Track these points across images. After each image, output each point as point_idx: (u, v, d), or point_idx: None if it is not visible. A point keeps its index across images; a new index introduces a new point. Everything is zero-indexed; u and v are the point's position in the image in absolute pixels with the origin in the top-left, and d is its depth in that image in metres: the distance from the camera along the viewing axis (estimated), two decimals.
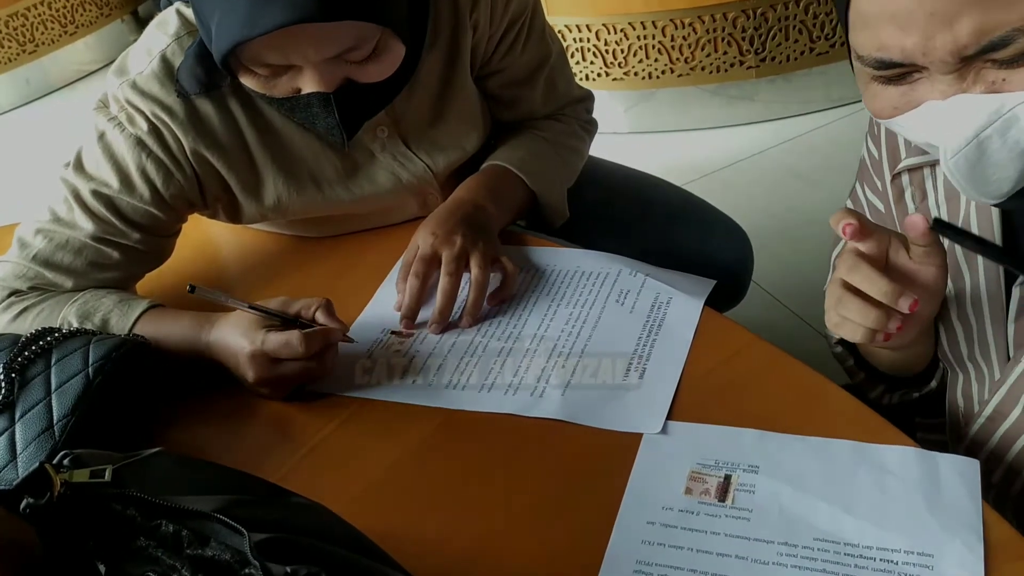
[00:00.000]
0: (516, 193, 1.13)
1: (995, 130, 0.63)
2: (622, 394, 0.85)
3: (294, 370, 0.90)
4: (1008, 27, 0.60)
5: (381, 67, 0.93)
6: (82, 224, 1.00)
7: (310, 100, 0.91)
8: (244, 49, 0.87)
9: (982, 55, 0.62)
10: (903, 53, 0.63)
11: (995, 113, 0.63)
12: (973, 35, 0.60)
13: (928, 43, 0.61)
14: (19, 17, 3.76)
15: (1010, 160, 0.64)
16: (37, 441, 0.78)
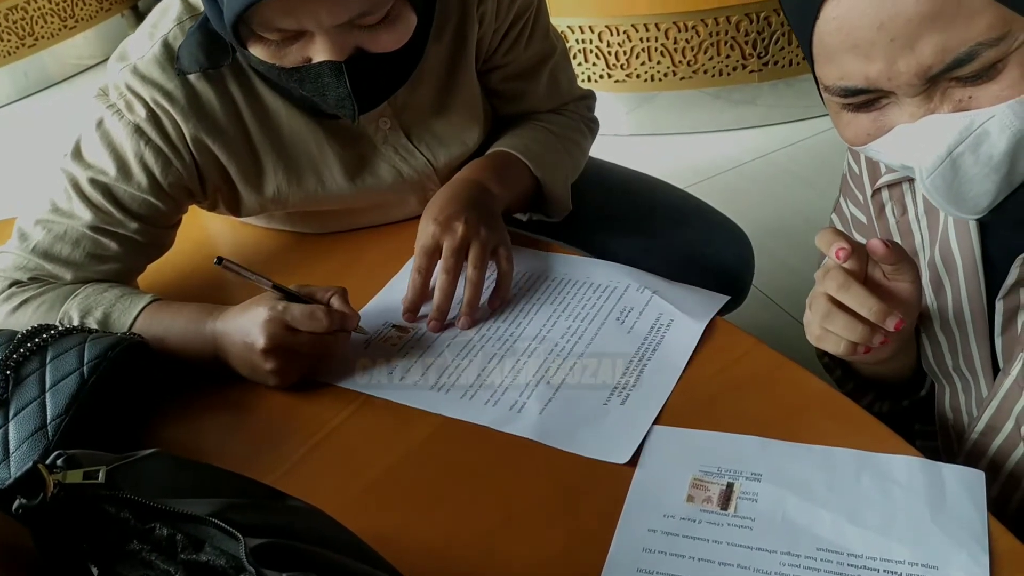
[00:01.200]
0: (520, 177, 1.12)
1: (967, 147, 0.64)
2: (599, 419, 0.84)
3: (307, 342, 0.89)
4: (972, 42, 0.61)
5: (393, 35, 0.91)
6: (80, 214, 0.99)
7: (321, 70, 0.89)
8: (256, 13, 0.85)
9: (947, 73, 0.62)
10: (868, 80, 0.64)
11: (966, 130, 0.64)
12: (936, 55, 0.61)
13: (892, 68, 0.62)
14: (19, 11, 3.75)
15: (985, 175, 0.65)
16: (30, 440, 0.77)
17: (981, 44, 0.60)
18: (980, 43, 0.60)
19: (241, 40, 0.89)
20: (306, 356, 0.91)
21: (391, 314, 1.01)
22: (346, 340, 0.94)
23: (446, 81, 1.09)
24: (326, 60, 0.88)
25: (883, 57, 0.62)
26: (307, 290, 0.92)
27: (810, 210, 2.13)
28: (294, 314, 0.88)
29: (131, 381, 0.88)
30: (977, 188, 0.66)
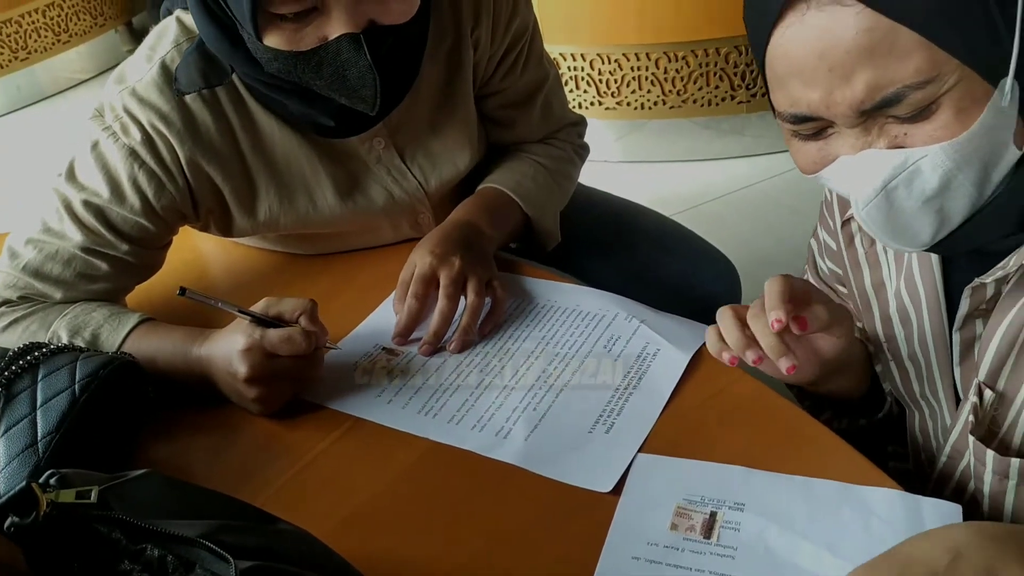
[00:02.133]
0: (511, 215, 1.14)
1: (900, 182, 0.67)
2: (584, 447, 0.84)
3: (288, 366, 0.90)
4: (899, 84, 0.64)
5: (404, 4, 0.92)
6: (71, 235, 0.99)
7: (339, 46, 0.89)
8: None
9: (880, 110, 0.66)
10: (810, 107, 0.67)
11: (900, 166, 0.67)
12: (868, 91, 0.64)
13: (830, 97, 0.66)
14: (12, 24, 3.76)
15: (918, 209, 0.68)
16: (20, 457, 0.77)
17: (908, 87, 0.64)
18: (907, 85, 0.64)
19: (258, 30, 0.89)
20: (288, 380, 0.91)
21: (381, 337, 1.02)
22: (323, 358, 0.95)
23: (441, 103, 1.11)
24: (344, 34, 0.88)
25: (822, 86, 0.65)
26: (275, 310, 0.91)
27: (796, 239, 2.15)
28: (272, 340, 0.88)
29: (122, 400, 0.88)
30: (913, 222, 0.70)
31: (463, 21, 1.07)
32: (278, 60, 0.91)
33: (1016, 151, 0.68)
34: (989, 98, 0.65)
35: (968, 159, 0.66)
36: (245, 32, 0.91)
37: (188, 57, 0.99)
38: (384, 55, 0.92)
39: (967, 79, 0.64)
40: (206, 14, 0.93)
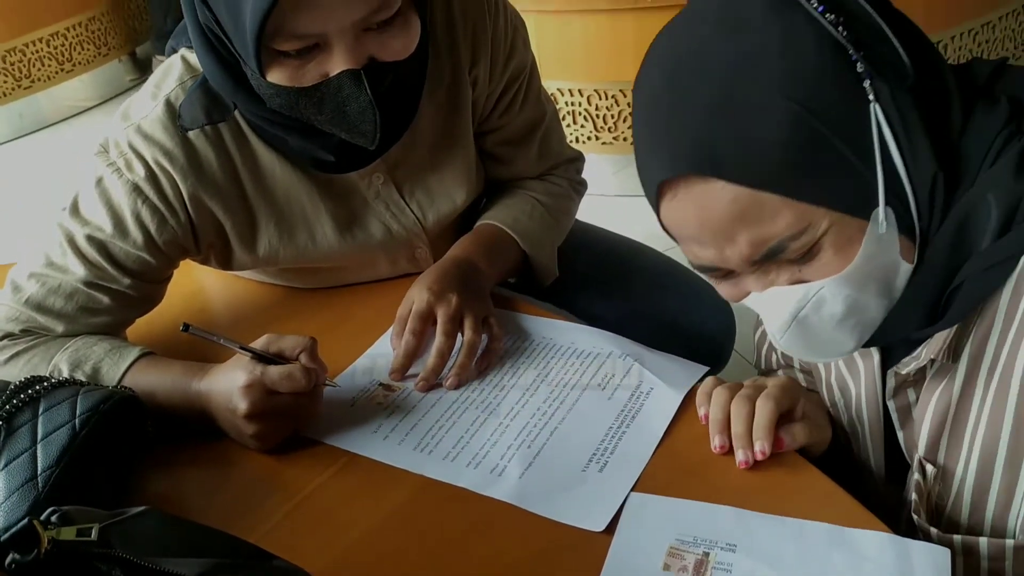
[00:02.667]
0: (509, 253, 1.16)
1: (809, 310, 0.73)
2: (578, 486, 0.85)
3: (288, 403, 0.90)
4: (777, 238, 0.69)
5: (402, 40, 0.93)
6: (74, 269, 1.01)
7: (341, 82, 0.91)
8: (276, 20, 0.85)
9: (768, 260, 0.71)
10: (709, 261, 0.74)
11: (803, 299, 0.73)
12: (752, 247, 0.71)
13: (722, 255, 0.72)
14: (16, 53, 3.79)
15: (833, 329, 0.74)
16: (20, 491, 0.78)
17: (785, 239, 0.69)
18: (784, 238, 0.69)
19: (261, 67, 0.90)
20: (287, 417, 0.92)
21: (378, 372, 1.03)
22: (322, 395, 0.96)
23: (439, 140, 1.13)
24: (345, 70, 0.90)
25: (712, 246, 0.72)
26: (276, 347, 0.92)
27: None
28: (272, 377, 0.89)
29: (122, 435, 0.89)
30: (833, 338, 0.75)
31: (462, 60, 1.09)
32: (280, 96, 0.93)
33: (908, 264, 0.72)
34: (865, 230, 0.69)
35: (863, 282, 0.71)
36: (248, 68, 0.92)
37: (192, 94, 1.01)
38: (384, 91, 0.94)
39: (839, 221, 0.69)
40: (209, 51, 0.95)
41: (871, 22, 0.69)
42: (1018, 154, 0.69)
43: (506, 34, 1.12)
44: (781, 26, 0.68)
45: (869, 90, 0.68)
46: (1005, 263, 0.68)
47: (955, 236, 0.70)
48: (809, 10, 0.68)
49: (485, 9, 1.09)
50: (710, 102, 0.68)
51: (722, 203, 0.69)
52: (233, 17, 0.87)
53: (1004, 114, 0.71)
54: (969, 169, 0.71)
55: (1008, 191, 0.68)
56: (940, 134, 0.71)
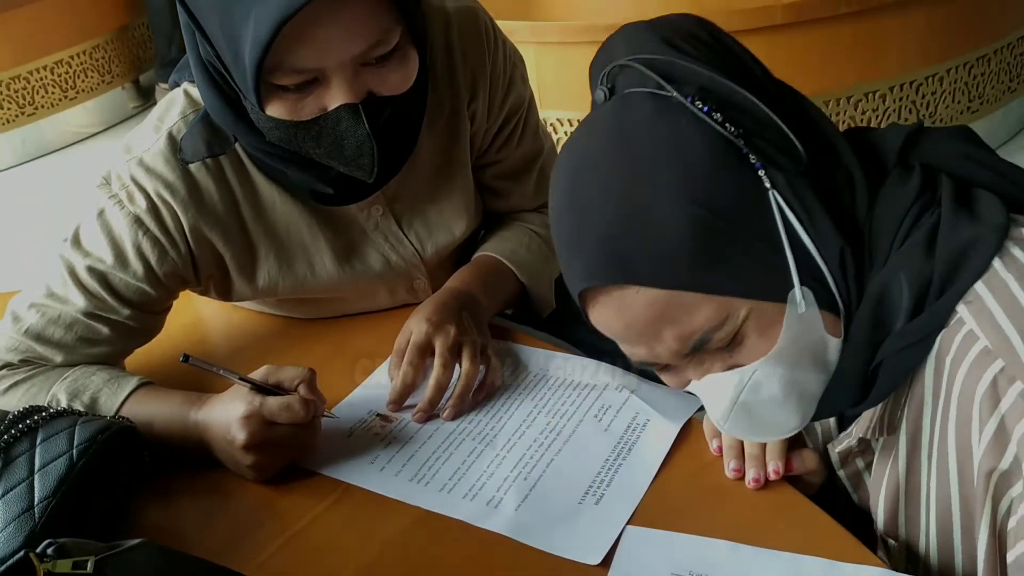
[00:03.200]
0: (507, 284, 1.16)
1: (748, 394, 0.74)
2: (574, 519, 0.85)
3: (286, 434, 0.91)
4: (700, 331, 0.71)
5: (400, 74, 0.94)
6: (74, 300, 1.01)
7: (339, 116, 0.91)
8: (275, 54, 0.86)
9: (697, 351, 0.73)
10: (644, 358, 0.76)
11: (739, 385, 0.74)
12: (678, 341, 0.72)
13: (653, 352, 0.74)
14: (20, 80, 3.82)
15: (775, 408, 0.75)
16: (17, 522, 0.78)
17: (708, 331, 0.71)
18: (707, 330, 0.71)
19: (260, 100, 0.91)
20: (285, 448, 0.92)
21: (376, 403, 1.03)
22: (320, 426, 0.96)
23: (437, 173, 1.13)
24: (343, 104, 0.91)
25: (643, 344, 0.74)
26: (275, 378, 0.93)
27: None
28: (271, 408, 0.90)
29: (119, 465, 0.89)
30: (776, 418, 0.76)
31: (460, 95, 1.10)
32: (279, 129, 0.94)
33: (836, 339, 0.73)
34: (784, 312, 0.71)
35: (794, 360, 0.72)
36: (248, 102, 0.93)
37: (193, 128, 1.02)
38: (382, 125, 0.95)
39: (757, 307, 0.70)
40: (210, 85, 0.96)
41: (757, 112, 0.71)
42: (928, 231, 0.70)
43: (504, 70, 1.13)
44: (668, 129, 0.70)
45: (765, 179, 0.70)
46: (921, 342, 0.69)
47: (873, 315, 0.71)
48: (694, 111, 0.70)
49: (484, 45, 1.10)
50: (612, 213, 0.70)
51: (641, 307, 0.70)
52: (233, 51, 0.88)
53: (916, 186, 0.72)
54: (880, 244, 0.72)
55: (918, 270, 0.69)
56: (843, 211, 0.72)
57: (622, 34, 0.79)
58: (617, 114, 0.73)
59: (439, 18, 1.08)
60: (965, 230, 0.68)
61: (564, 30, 2.56)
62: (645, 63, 0.72)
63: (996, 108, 2.87)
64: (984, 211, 0.70)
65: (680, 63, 0.72)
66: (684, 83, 0.71)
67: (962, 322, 0.67)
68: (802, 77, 2.53)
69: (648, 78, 0.72)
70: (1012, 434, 0.63)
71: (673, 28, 0.77)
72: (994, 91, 2.83)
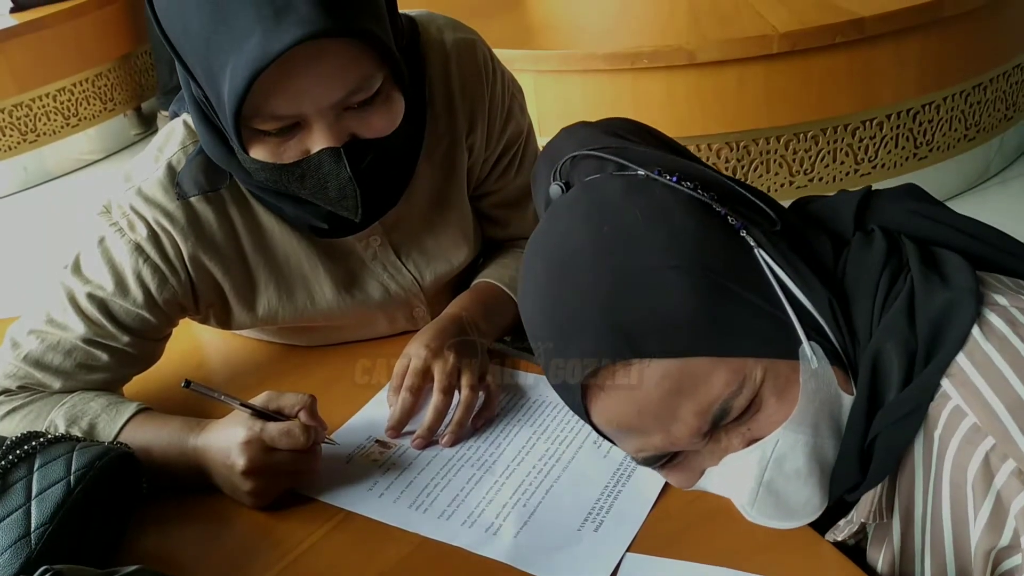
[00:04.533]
0: (506, 310, 1.16)
1: (772, 472, 0.70)
2: (573, 545, 0.85)
3: (286, 460, 0.91)
4: (720, 400, 0.68)
5: (384, 118, 0.94)
6: (74, 326, 1.01)
7: (321, 159, 0.91)
8: (254, 102, 0.86)
9: (718, 425, 0.69)
10: (657, 448, 0.72)
11: (763, 459, 0.70)
12: (698, 416, 0.69)
13: (670, 437, 0.70)
14: (23, 108, 3.84)
15: (801, 485, 0.71)
16: (13, 548, 0.77)
17: (728, 399, 0.68)
18: (726, 398, 0.68)
19: (243, 144, 0.92)
20: (285, 474, 0.92)
21: (374, 429, 1.03)
22: (320, 452, 0.96)
23: (436, 202, 1.14)
24: (324, 148, 0.91)
25: (658, 430, 0.70)
26: (275, 404, 0.93)
27: None
28: (271, 434, 0.90)
29: (116, 491, 0.89)
30: (803, 496, 0.72)
31: (459, 127, 1.11)
32: (265, 171, 0.94)
33: (849, 396, 0.71)
34: (798, 369, 0.69)
35: (816, 423, 0.70)
36: (233, 144, 0.94)
37: (191, 162, 1.02)
38: (366, 167, 0.94)
39: (771, 366, 0.68)
40: (204, 122, 0.96)
41: (721, 183, 0.72)
42: (907, 297, 0.69)
43: (503, 101, 1.14)
44: (645, 200, 0.70)
45: (748, 238, 0.71)
46: (911, 415, 0.68)
47: (869, 387, 0.70)
48: (665, 183, 0.71)
49: (482, 77, 1.11)
50: (609, 288, 0.68)
51: (653, 383, 0.67)
52: (215, 96, 0.89)
53: (882, 249, 0.72)
54: (861, 306, 0.71)
55: (904, 340, 0.68)
56: (821, 266, 0.73)
57: (564, 134, 0.80)
58: (586, 197, 0.72)
59: (438, 50, 1.09)
60: (938, 297, 0.68)
61: (563, 59, 2.58)
62: (597, 153, 0.73)
63: (993, 136, 2.89)
64: (953, 274, 0.70)
65: (634, 149, 0.73)
66: (642, 165, 0.72)
67: (947, 396, 0.66)
68: (799, 105, 2.57)
69: (607, 162, 0.72)
70: (1009, 510, 0.63)
71: (615, 124, 0.78)
72: (991, 119, 2.85)
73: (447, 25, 1.11)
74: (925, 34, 2.56)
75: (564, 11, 2.97)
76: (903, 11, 2.47)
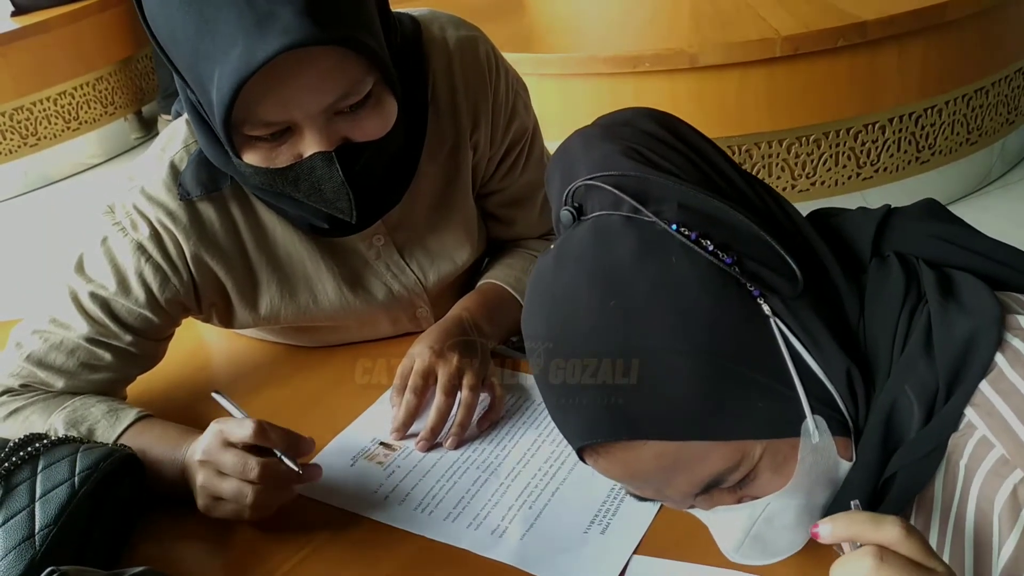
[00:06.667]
0: (510, 311, 1.16)
1: (761, 526, 0.71)
2: (579, 548, 0.84)
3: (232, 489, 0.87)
4: (715, 474, 0.67)
5: (376, 121, 0.93)
6: (77, 326, 1.01)
7: (313, 163, 0.91)
8: (244, 108, 0.86)
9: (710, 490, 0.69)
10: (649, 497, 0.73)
11: (751, 518, 0.71)
12: (689, 486, 0.69)
13: (662, 494, 0.71)
14: (24, 111, 3.85)
15: (788, 532, 0.72)
16: (17, 550, 0.77)
17: (722, 473, 0.67)
18: (721, 472, 0.67)
19: (236, 149, 0.91)
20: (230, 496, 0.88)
21: (378, 431, 1.03)
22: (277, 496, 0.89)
23: (440, 201, 1.14)
24: (316, 152, 0.90)
25: (651, 489, 0.71)
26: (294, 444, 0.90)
27: None
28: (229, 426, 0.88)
29: (122, 493, 0.89)
30: (787, 543, 0.72)
31: (463, 125, 1.11)
32: (259, 175, 0.94)
33: (847, 462, 0.70)
34: (798, 446, 0.68)
35: (809, 489, 0.69)
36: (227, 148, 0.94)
37: (193, 161, 1.02)
38: (359, 169, 0.94)
39: (771, 444, 0.67)
40: (200, 125, 0.96)
41: (744, 228, 0.67)
42: (924, 332, 0.67)
43: (507, 99, 1.14)
44: (657, 269, 0.65)
45: (765, 306, 0.67)
46: (932, 454, 0.66)
47: (883, 433, 0.68)
48: (682, 240, 0.65)
49: (486, 75, 1.11)
50: (609, 367, 0.65)
51: (648, 459, 0.66)
52: (206, 103, 0.89)
53: (901, 284, 0.69)
54: (880, 354, 0.69)
55: (923, 381, 0.66)
56: (840, 323, 0.69)
57: (579, 145, 0.74)
58: (596, 249, 0.67)
59: (441, 48, 1.09)
60: (959, 326, 0.65)
61: (564, 62, 2.58)
62: (613, 182, 0.68)
63: (995, 140, 2.89)
64: (972, 301, 0.67)
65: (653, 179, 0.67)
66: (661, 201, 0.67)
67: (972, 427, 0.64)
68: (801, 109, 2.57)
69: (621, 201, 0.67)
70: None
71: (632, 133, 0.72)
72: (992, 123, 2.85)
73: (450, 23, 1.11)
74: (927, 38, 2.56)
75: (566, 14, 2.98)
76: (905, 15, 2.48)
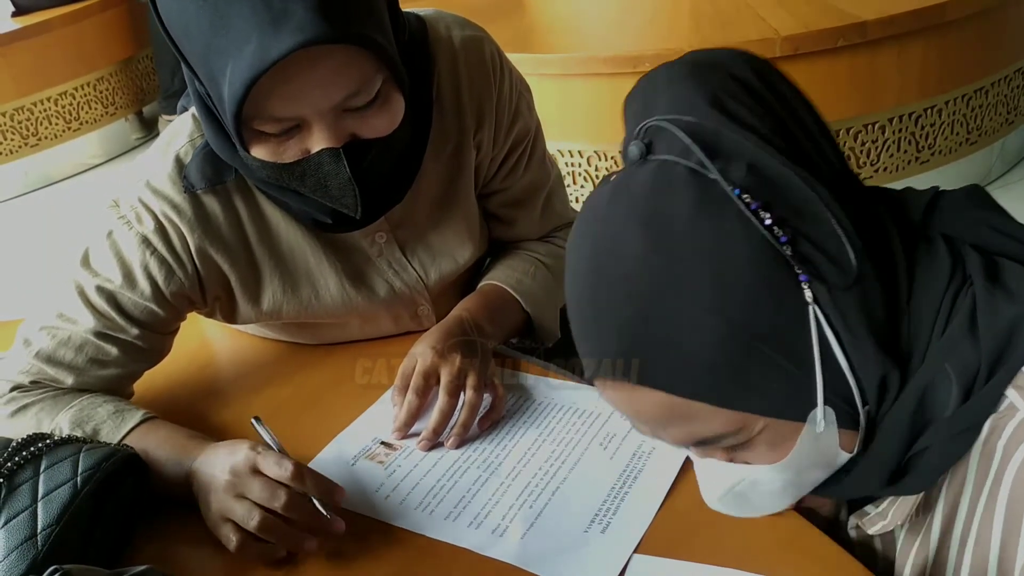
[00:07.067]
0: (512, 313, 1.16)
1: (745, 487, 0.73)
2: (580, 547, 0.85)
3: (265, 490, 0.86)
4: (714, 433, 0.69)
5: (384, 119, 0.94)
6: (84, 320, 1.02)
7: (320, 159, 0.92)
8: (254, 104, 0.86)
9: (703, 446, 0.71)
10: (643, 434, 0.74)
11: (738, 480, 0.72)
12: (682, 439, 0.71)
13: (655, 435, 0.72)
14: (24, 111, 3.85)
15: (772, 497, 0.73)
16: (19, 550, 0.77)
17: (718, 436, 0.69)
18: (717, 435, 0.69)
19: (244, 143, 0.92)
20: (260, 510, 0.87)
21: (379, 430, 1.03)
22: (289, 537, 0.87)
23: (443, 200, 1.14)
24: (324, 148, 0.91)
25: (647, 430, 0.72)
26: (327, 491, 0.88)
27: None
28: (263, 457, 0.88)
29: (125, 492, 0.89)
30: (768, 504, 0.75)
31: (466, 124, 1.11)
32: (265, 169, 0.94)
33: (847, 453, 0.70)
34: (800, 429, 0.68)
35: (801, 469, 0.70)
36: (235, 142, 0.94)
37: (198, 155, 1.02)
38: (367, 166, 0.95)
39: (774, 422, 0.68)
40: (208, 118, 0.96)
41: (810, 203, 0.65)
42: (968, 314, 0.66)
43: (511, 99, 1.14)
44: (710, 232, 0.64)
45: (807, 292, 0.65)
46: (967, 432, 0.66)
47: (914, 410, 0.67)
48: (742, 208, 0.63)
49: (490, 75, 1.11)
50: (635, 313, 0.65)
51: (651, 404, 0.68)
52: (216, 97, 0.89)
53: (947, 267, 0.69)
54: (920, 336, 0.68)
55: (964, 360, 0.65)
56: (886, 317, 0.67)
57: (663, 79, 0.71)
58: (654, 195, 0.65)
59: (446, 48, 1.09)
60: (1006, 310, 0.65)
61: (564, 62, 2.58)
62: (688, 129, 0.65)
63: (995, 140, 2.89)
64: (1018, 287, 0.67)
65: (728, 133, 0.65)
66: (731, 158, 0.65)
67: (1015, 408, 0.64)
68: None
69: (690, 150, 0.65)
70: None
71: (720, 79, 0.69)
72: (992, 123, 2.85)
73: (455, 23, 1.11)
74: (927, 38, 2.56)
75: (566, 14, 2.98)
76: (905, 15, 2.48)
